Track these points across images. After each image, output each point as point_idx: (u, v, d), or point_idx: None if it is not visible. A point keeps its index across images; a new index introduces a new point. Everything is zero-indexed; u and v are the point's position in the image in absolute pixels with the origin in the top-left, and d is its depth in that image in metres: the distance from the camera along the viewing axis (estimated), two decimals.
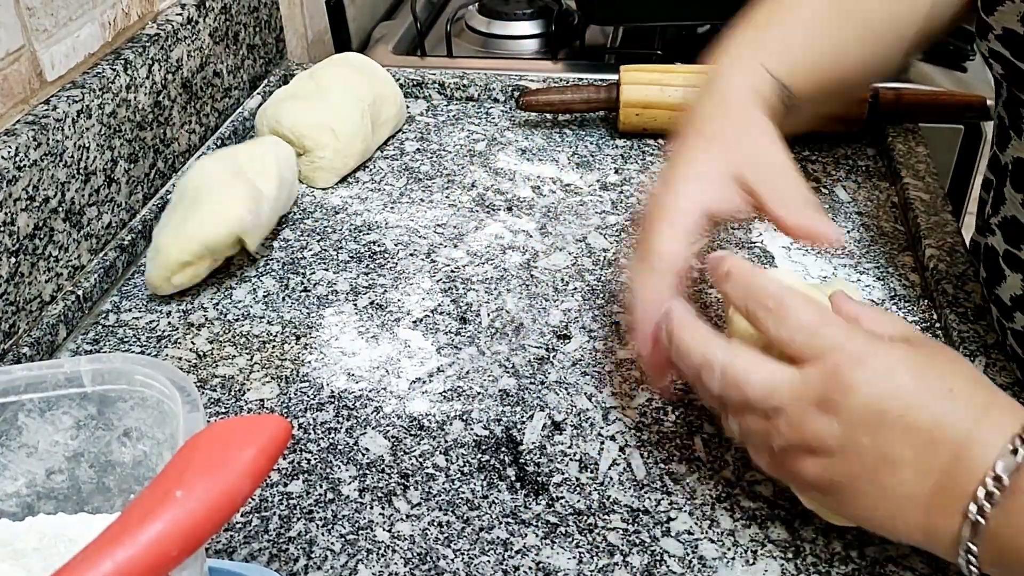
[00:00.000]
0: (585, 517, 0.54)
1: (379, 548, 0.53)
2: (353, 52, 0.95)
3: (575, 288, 0.72)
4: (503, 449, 0.59)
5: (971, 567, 0.43)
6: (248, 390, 0.63)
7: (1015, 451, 0.42)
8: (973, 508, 0.42)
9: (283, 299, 0.71)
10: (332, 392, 0.63)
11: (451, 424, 0.60)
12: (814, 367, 0.45)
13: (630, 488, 0.56)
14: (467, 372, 0.64)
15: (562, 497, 0.55)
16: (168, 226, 0.71)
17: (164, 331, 0.69)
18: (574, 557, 0.52)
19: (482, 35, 1.20)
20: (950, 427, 0.43)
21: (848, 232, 0.77)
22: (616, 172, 0.85)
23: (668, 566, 0.51)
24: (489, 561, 0.52)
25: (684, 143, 0.58)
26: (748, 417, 0.48)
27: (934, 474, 0.43)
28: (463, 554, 0.52)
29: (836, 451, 0.45)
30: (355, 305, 0.71)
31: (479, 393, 0.63)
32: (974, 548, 0.42)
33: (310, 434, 0.60)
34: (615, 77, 0.90)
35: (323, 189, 0.84)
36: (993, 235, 0.65)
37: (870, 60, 0.65)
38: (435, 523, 0.54)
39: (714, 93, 0.59)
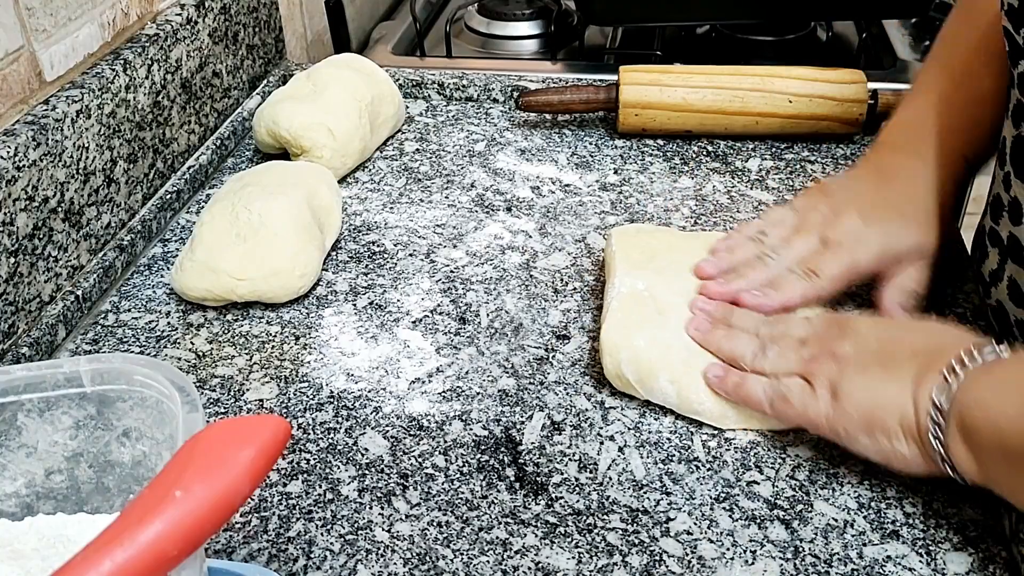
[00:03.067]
0: (584, 517, 0.54)
1: (378, 548, 0.53)
2: (351, 53, 0.95)
3: (574, 288, 0.72)
4: (502, 449, 0.59)
5: (937, 431, 0.50)
6: (247, 390, 0.63)
7: (975, 355, 0.50)
8: (946, 371, 0.50)
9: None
10: (331, 392, 0.63)
11: (450, 424, 0.60)
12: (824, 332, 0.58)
13: (629, 488, 0.56)
14: (466, 372, 0.64)
15: (561, 497, 0.55)
16: (231, 253, 0.68)
17: (163, 331, 0.69)
18: (573, 557, 0.52)
19: (481, 35, 1.21)
20: (928, 341, 0.54)
21: None
22: (615, 172, 0.85)
23: (667, 566, 0.51)
24: (488, 561, 0.52)
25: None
26: (782, 345, 0.59)
27: (921, 359, 0.52)
28: (462, 554, 0.52)
29: (852, 356, 0.55)
30: (354, 305, 0.71)
31: (478, 393, 0.63)
32: (941, 409, 0.50)
33: (309, 434, 0.60)
34: (614, 77, 0.90)
35: None
36: (986, 215, 0.66)
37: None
38: (434, 523, 0.54)
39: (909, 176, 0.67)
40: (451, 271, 0.74)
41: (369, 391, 0.63)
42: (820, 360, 0.56)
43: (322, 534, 0.54)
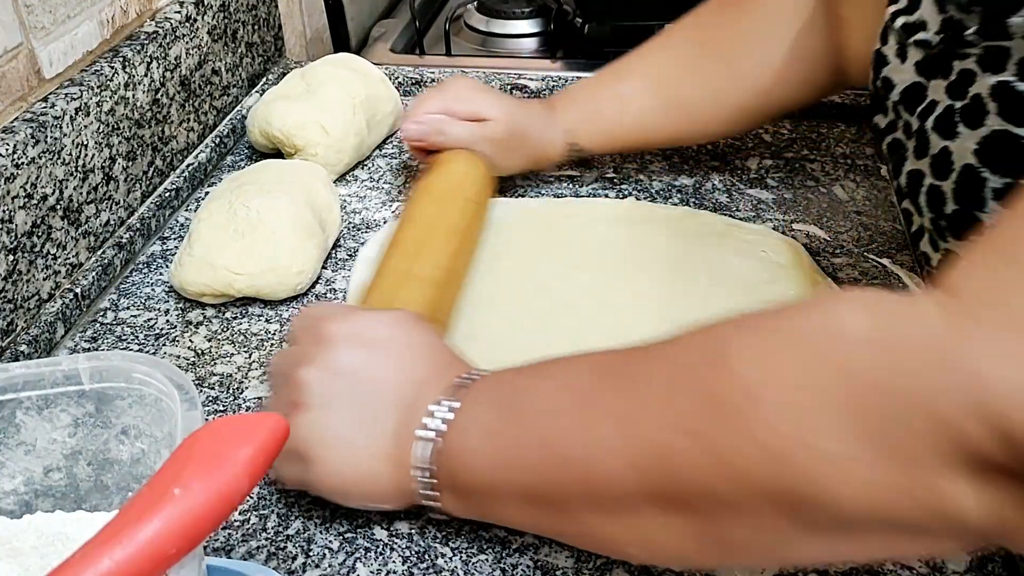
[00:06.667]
0: None
1: (377, 546, 0.53)
2: (347, 52, 0.94)
3: None
4: None
5: (426, 485, 0.49)
6: (246, 388, 0.63)
7: (456, 388, 0.49)
8: (421, 431, 0.48)
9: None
10: None
11: None
12: (305, 337, 0.53)
13: None
14: None
15: None
16: (229, 248, 0.68)
17: (162, 329, 0.68)
18: (572, 555, 0.52)
19: (481, 33, 1.20)
20: (413, 371, 0.51)
21: (847, 231, 0.77)
22: (615, 171, 0.85)
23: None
24: (487, 559, 0.52)
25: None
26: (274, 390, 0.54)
27: (401, 410, 0.49)
28: (461, 552, 0.52)
29: (321, 403, 0.50)
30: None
31: None
32: (427, 466, 0.48)
33: None
34: None
35: None
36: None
37: (681, 130, 0.78)
38: (433, 521, 0.54)
39: (528, 110, 0.78)
40: None
41: None
42: (294, 413, 0.50)
43: (321, 532, 0.54)
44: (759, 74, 0.74)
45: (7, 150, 0.63)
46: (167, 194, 0.81)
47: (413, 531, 0.53)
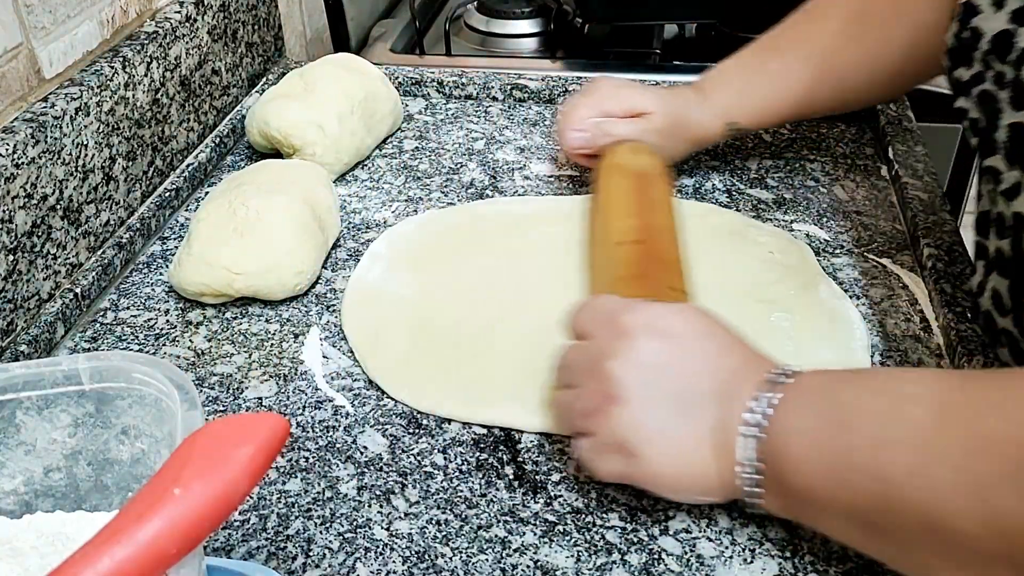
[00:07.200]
0: (583, 515, 0.54)
1: (377, 546, 0.53)
2: (347, 53, 0.95)
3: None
4: (501, 447, 0.59)
5: (751, 482, 0.48)
6: (246, 388, 0.63)
7: (771, 384, 0.48)
8: (743, 427, 0.47)
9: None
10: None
11: (449, 422, 0.60)
12: (600, 331, 0.52)
13: (628, 486, 0.56)
14: None
15: (560, 495, 0.55)
16: (228, 248, 0.68)
17: (162, 329, 0.68)
18: (572, 556, 0.52)
19: (481, 33, 1.21)
20: (720, 362, 0.50)
21: (847, 231, 0.77)
22: None
23: (666, 564, 0.51)
24: (487, 559, 0.52)
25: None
26: (561, 393, 0.54)
27: (717, 402, 0.48)
28: (461, 552, 0.52)
29: (633, 396, 0.49)
30: None
31: None
32: (754, 463, 0.47)
33: (308, 432, 0.60)
34: (613, 75, 0.90)
35: None
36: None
37: (837, 103, 0.80)
38: (433, 521, 0.54)
39: (680, 96, 0.79)
40: None
41: (368, 389, 0.63)
42: (594, 416, 0.50)
43: (321, 532, 0.54)
44: (911, 37, 0.72)
45: (7, 150, 0.63)
46: (167, 194, 0.81)
47: (413, 531, 0.53)
